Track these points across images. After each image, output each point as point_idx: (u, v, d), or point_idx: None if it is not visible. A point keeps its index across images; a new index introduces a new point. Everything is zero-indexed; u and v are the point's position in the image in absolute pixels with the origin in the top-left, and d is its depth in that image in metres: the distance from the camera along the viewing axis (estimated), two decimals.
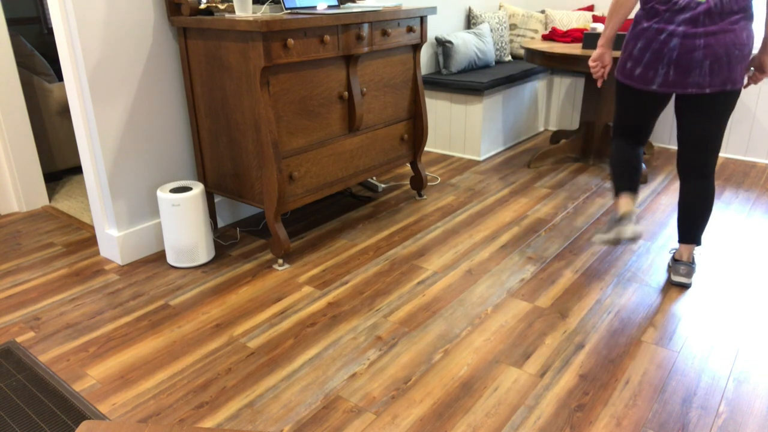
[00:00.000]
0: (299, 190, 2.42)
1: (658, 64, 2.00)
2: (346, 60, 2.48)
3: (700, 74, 1.95)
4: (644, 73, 2.04)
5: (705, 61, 1.93)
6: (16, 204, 3.04)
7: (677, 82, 1.99)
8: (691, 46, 1.93)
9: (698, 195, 2.15)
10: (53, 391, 1.71)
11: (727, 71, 1.94)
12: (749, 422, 1.57)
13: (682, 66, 1.96)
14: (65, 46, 2.18)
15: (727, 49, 1.91)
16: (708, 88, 1.96)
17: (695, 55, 1.93)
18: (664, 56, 1.97)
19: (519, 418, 1.59)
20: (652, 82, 2.03)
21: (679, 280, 2.23)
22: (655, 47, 1.98)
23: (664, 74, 2.00)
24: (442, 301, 2.16)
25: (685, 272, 2.22)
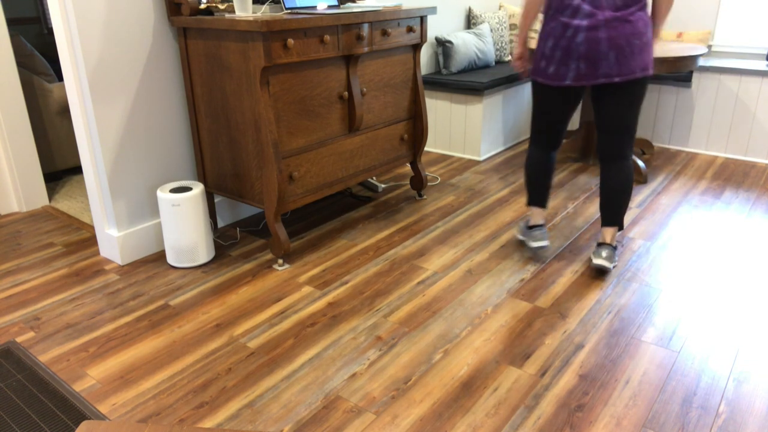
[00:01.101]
0: (299, 190, 2.42)
1: (569, 60, 2.11)
2: (346, 60, 2.48)
3: (607, 65, 2.08)
4: (557, 70, 2.15)
5: (610, 52, 2.06)
6: (16, 204, 3.04)
7: (588, 74, 2.10)
8: (595, 39, 2.05)
9: (618, 177, 2.27)
10: (53, 391, 1.71)
11: (630, 60, 2.07)
12: (749, 422, 1.57)
13: (591, 59, 2.08)
14: (65, 46, 2.18)
15: (627, 39, 2.05)
16: (616, 77, 2.09)
17: (600, 48, 2.06)
18: (573, 51, 2.09)
19: (519, 418, 1.59)
20: (566, 77, 2.14)
21: (599, 262, 2.28)
22: (563, 44, 2.10)
23: (575, 68, 2.11)
24: (442, 301, 2.16)
25: (606, 255, 2.28)
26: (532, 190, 2.45)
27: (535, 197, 2.45)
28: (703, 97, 3.79)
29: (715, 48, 4.02)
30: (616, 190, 2.27)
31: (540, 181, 2.42)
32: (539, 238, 2.40)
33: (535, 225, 2.44)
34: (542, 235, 2.41)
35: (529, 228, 2.46)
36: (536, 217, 2.45)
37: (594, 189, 3.23)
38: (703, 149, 3.89)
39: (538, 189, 2.44)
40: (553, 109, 2.28)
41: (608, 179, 2.28)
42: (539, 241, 2.40)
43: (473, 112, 3.67)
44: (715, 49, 4.02)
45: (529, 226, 2.46)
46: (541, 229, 2.43)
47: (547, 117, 2.31)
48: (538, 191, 2.44)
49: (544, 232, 2.42)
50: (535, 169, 2.41)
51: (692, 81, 3.79)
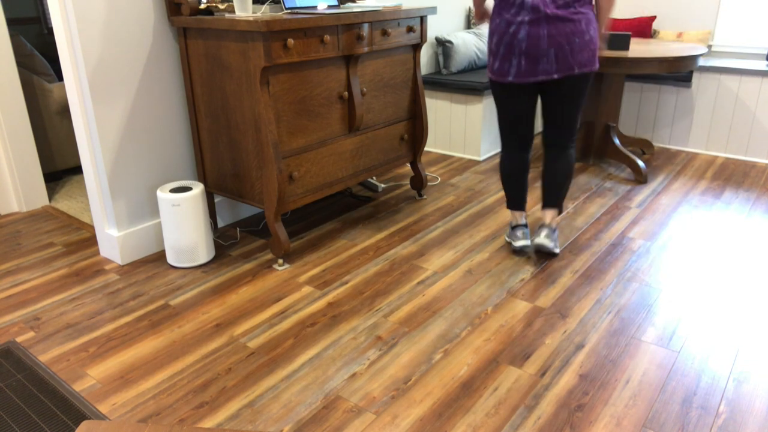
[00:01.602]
0: (299, 190, 2.42)
1: (511, 56, 2.15)
2: (346, 60, 2.48)
3: (547, 62, 2.13)
4: (501, 66, 2.20)
5: (550, 50, 2.11)
6: (16, 204, 3.04)
7: (528, 71, 2.15)
8: (536, 36, 2.10)
9: (560, 163, 2.36)
10: (53, 391, 1.71)
11: (570, 58, 2.12)
12: (749, 422, 1.57)
13: (531, 56, 2.12)
14: (65, 46, 2.18)
15: (568, 38, 2.09)
16: (555, 74, 2.14)
17: (541, 45, 2.10)
18: (515, 48, 2.13)
19: (519, 418, 1.59)
20: (508, 73, 2.18)
21: (540, 242, 2.38)
22: (506, 40, 2.14)
23: (516, 65, 2.15)
24: (442, 301, 2.16)
25: (546, 234, 2.38)
26: (509, 194, 2.48)
27: (513, 201, 2.48)
28: (703, 97, 3.79)
29: (715, 48, 4.02)
30: (556, 175, 2.37)
31: (514, 185, 2.45)
32: (521, 237, 2.44)
33: (518, 225, 2.47)
34: (524, 234, 2.45)
35: (512, 228, 2.49)
36: (517, 218, 2.49)
37: (594, 189, 3.23)
38: (703, 149, 3.89)
39: (514, 192, 2.46)
40: (510, 107, 2.30)
41: (550, 165, 2.39)
42: (521, 240, 2.43)
43: (473, 112, 3.67)
44: (715, 49, 4.02)
45: (512, 227, 2.50)
46: (524, 229, 2.46)
47: (506, 115, 2.34)
48: (514, 195, 2.47)
49: (526, 232, 2.46)
50: (508, 173, 2.44)
51: (692, 81, 3.79)
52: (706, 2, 3.94)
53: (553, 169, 2.38)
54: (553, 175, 2.39)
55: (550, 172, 2.40)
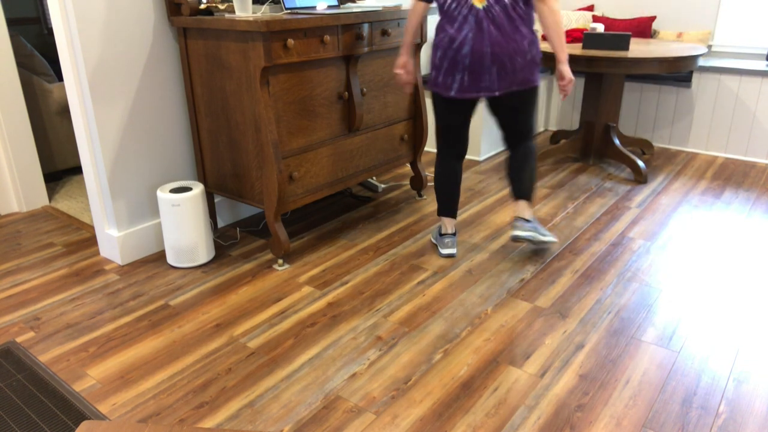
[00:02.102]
0: (299, 190, 2.42)
1: (455, 71, 2.18)
2: (346, 60, 2.48)
3: (489, 79, 2.16)
4: (444, 80, 2.22)
5: (493, 67, 2.14)
6: (16, 204, 3.04)
7: (471, 87, 2.18)
8: (480, 53, 2.12)
9: (522, 157, 2.40)
10: (53, 391, 1.71)
11: (512, 75, 2.17)
12: (749, 422, 1.57)
13: (474, 72, 2.16)
14: (65, 46, 2.18)
15: (511, 56, 2.13)
16: (497, 92, 2.19)
17: (485, 62, 2.14)
18: (459, 63, 2.16)
19: (519, 418, 1.59)
20: (451, 88, 2.21)
21: (522, 234, 2.40)
22: (450, 55, 2.16)
23: (459, 80, 2.18)
24: (442, 301, 2.16)
25: (529, 227, 2.41)
26: (441, 201, 2.49)
27: (444, 208, 2.50)
28: (703, 97, 3.79)
29: (715, 48, 4.02)
30: (521, 168, 2.41)
31: (447, 192, 2.47)
32: (449, 245, 2.47)
33: (446, 233, 2.50)
34: (452, 243, 2.47)
35: (441, 235, 2.51)
36: (447, 226, 2.51)
37: (594, 189, 3.23)
38: (703, 149, 3.89)
39: (447, 199, 2.48)
40: (450, 119, 2.33)
41: (514, 158, 2.42)
42: (449, 248, 2.46)
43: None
44: (715, 49, 4.02)
45: (440, 233, 2.52)
46: (452, 237, 2.49)
47: (445, 126, 2.37)
48: (446, 202, 2.49)
49: (454, 240, 2.48)
50: (441, 180, 2.46)
51: (692, 81, 3.79)
52: (706, 2, 3.94)
53: (517, 161, 2.41)
54: (520, 169, 2.42)
55: (515, 164, 2.43)
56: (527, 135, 2.39)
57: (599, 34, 3.18)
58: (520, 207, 2.44)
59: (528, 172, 2.42)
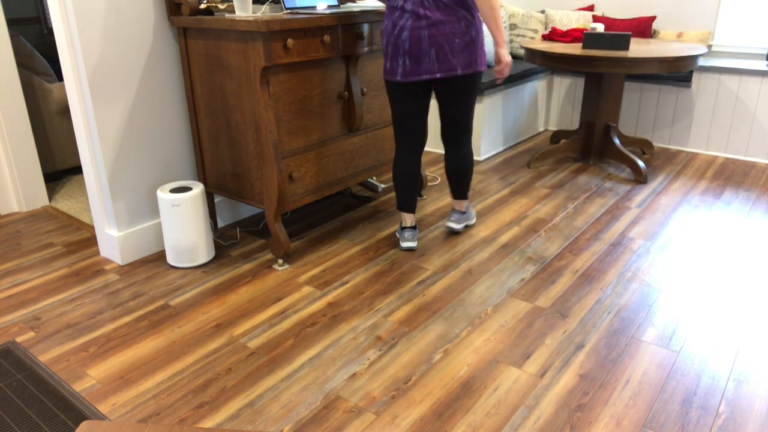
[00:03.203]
0: (299, 190, 2.42)
1: (398, 56, 2.23)
2: (346, 60, 2.48)
3: (429, 62, 2.20)
4: (390, 66, 2.28)
5: (431, 50, 2.18)
6: (16, 204, 3.04)
7: (413, 70, 2.22)
8: (418, 37, 2.17)
9: (457, 161, 2.49)
10: (53, 391, 1.71)
11: (453, 58, 2.20)
12: (749, 422, 1.57)
13: (414, 56, 2.20)
14: (65, 46, 2.18)
15: (447, 38, 2.17)
16: (438, 74, 2.22)
17: (423, 45, 2.18)
18: (400, 48, 2.21)
19: (519, 418, 1.59)
20: (396, 73, 2.26)
21: (452, 225, 2.62)
22: (392, 41, 2.22)
23: (402, 64, 2.23)
24: (442, 301, 2.16)
25: (456, 219, 2.62)
26: (399, 196, 2.52)
27: (402, 202, 2.53)
28: (703, 97, 3.79)
29: (715, 48, 4.02)
30: (456, 174, 2.52)
31: (404, 186, 2.49)
32: (409, 239, 2.51)
33: (406, 227, 2.54)
34: (412, 236, 2.52)
35: (401, 229, 2.56)
36: (407, 220, 2.54)
37: (594, 189, 3.23)
38: (703, 149, 3.89)
39: (404, 193, 2.51)
40: (402, 106, 2.35)
41: (450, 160, 2.51)
42: (409, 242, 2.51)
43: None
44: (715, 49, 4.02)
45: (401, 227, 2.56)
46: (412, 231, 2.53)
47: (397, 115, 2.39)
48: (404, 195, 2.51)
49: (414, 233, 2.53)
50: (398, 173, 2.47)
51: (692, 81, 3.79)
52: (706, 2, 3.94)
53: (453, 168, 2.51)
54: (454, 174, 2.52)
55: (451, 170, 2.52)
56: (465, 127, 2.42)
57: (599, 34, 3.18)
58: (456, 204, 2.64)
59: (464, 175, 2.52)
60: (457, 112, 2.38)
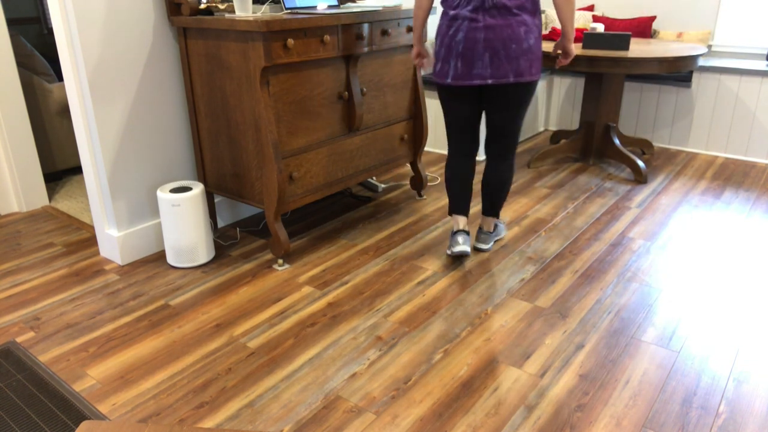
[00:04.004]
0: (299, 190, 2.42)
1: (450, 58, 2.15)
2: (346, 60, 2.48)
3: (481, 66, 2.11)
4: (441, 68, 2.20)
5: (485, 54, 2.09)
6: (16, 204, 3.04)
7: (464, 74, 2.14)
8: (473, 39, 2.08)
9: (496, 175, 2.38)
10: (53, 391, 1.71)
11: (506, 64, 2.09)
12: (749, 422, 1.57)
13: (467, 58, 2.11)
14: (65, 46, 2.18)
15: (504, 43, 2.07)
16: (489, 80, 2.12)
17: (477, 48, 2.09)
18: (453, 50, 2.13)
19: (519, 418, 1.59)
20: (447, 75, 2.18)
21: (478, 245, 2.51)
22: (446, 42, 2.14)
23: (453, 67, 2.15)
24: (442, 301, 2.16)
25: (483, 239, 2.51)
26: (453, 197, 2.44)
27: (454, 205, 2.45)
28: (703, 97, 3.79)
29: (715, 48, 4.02)
30: (491, 187, 2.41)
31: (455, 189, 2.42)
32: (461, 243, 2.36)
33: (459, 230, 2.41)
34: (465, 240, 2.37)
35: (452, 234, 2.42)
36: (459, 223, 2.43)
37: (594, 189, 3.23)
38: (703, 149, 3.89)
39: (456, 196, 2.43)
40: (452, 111, 2.30)
41: (487, 175, 2.41)
42: (461, 246, 2.35)
43: None
44: (715, 49, 4.02)
45: (452, 232, 2.43)
46: (464, 234, 2.40)
47: (449, 119, 2.34)
48: (455, 200, 2.43)
49: (466, 238, 2.39)
50: (450, 176, 2.42)
51: (692, 81, 3.79)
52: (706, 2, 3.94)
53: (489, 180, 2.40)
54: (488, 186, 2.41)
55: (486, 182, 2.42)
56: (510, 140, 2.30)
57: (599, 34, 3.18)
58: (485, 221, 2.51)
59: (499, 194, 2.41)
60: (504, 122, 2.25)
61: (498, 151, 2.34)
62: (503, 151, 2.34)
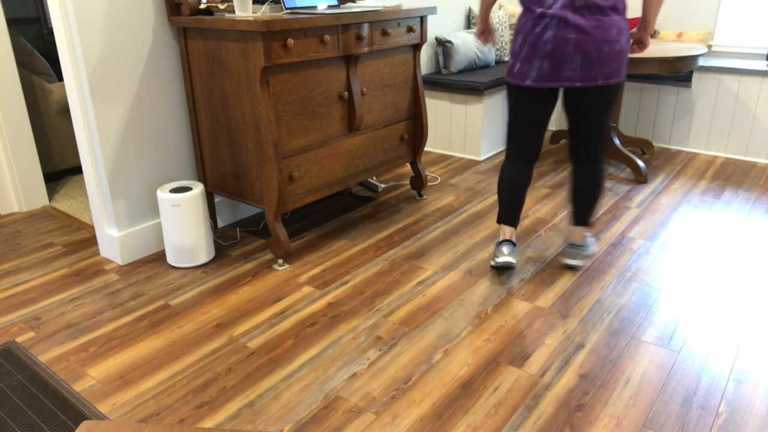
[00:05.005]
0: (299, 190, 2.42)
1: (534, 58, 2.02)
2: (346, 60, 2.48)
3: (571, 68, 1.99)
4: (522, 68, 2.07)
5: (576, 55, 1.97)
6: (16, 204, 3.04)
7: (550, 75, 2.02)
8: (563, 39, 1.96)
9: (587, 181, 2.25)
10: (53, 391, 1.71)
11: (597, 66, 1.99)
12: (749, 422, 1.57)
13: (556, 59, 1.99)
14: (65, 46, 2.18)
15: (597, 44, 1.96)
16: (579, 82, 2.01)
17: (567, 49, 1.97)
18: (539, 49, 2.00)
19: (519, 418, 1.59)
20: (527, 76, 2.05)
21: (572, 262, 2.36)
22: (531, 41, 2.02)
23: (538, 68, 2.02)
24: (442, 301, 2.16)
25: (575, 255, 2.36)
26: (502, 207, 2.32)
27: (505, 215, 2.32)
28: (703, 97, 3.79)
29: (715, 48, 4.02)
30: (586, 194, 2.27)
31: (507, 197, 2.30)
32: (506, 253, 2.26)
33: (505, 240, 2.31)
34: (510, 250, 2.27)
35: (498, 244, 2.32)
36: (506, 233, 2.33)
37: None
38: (703, 149, 3.89)
39: (506, 205, 2.31)
40: (524, 113, 2.17)
41: (579, 183, 2.27)
42: (506, 256, 2.25)
43: (473, 112, 3.67)
44: (715, 49, 4.02)
45: (498, 242, 2.33)
46: (510, 245, 2.29)
47: (517, 122, 2.21)
48: (505, 208, 2.32)
49: (512, 249, 2.28)
50: (503, 183, 2.29)
51: (692, 81, 3.79)
52: (706, 2, 3.94)
53: (582, 188, 2.26)
54: (582, 194, 2.27)
55: (579, 190, 2.27)
56: (597, 143, 2.20)
57: None
58: (575, 232, 2.35)
59: (593, 201, 2.27)
60: (593, 127, 2.16)
61: (588, 156, 2.23)
62: (594, 156, 2.22)
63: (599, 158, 2.23)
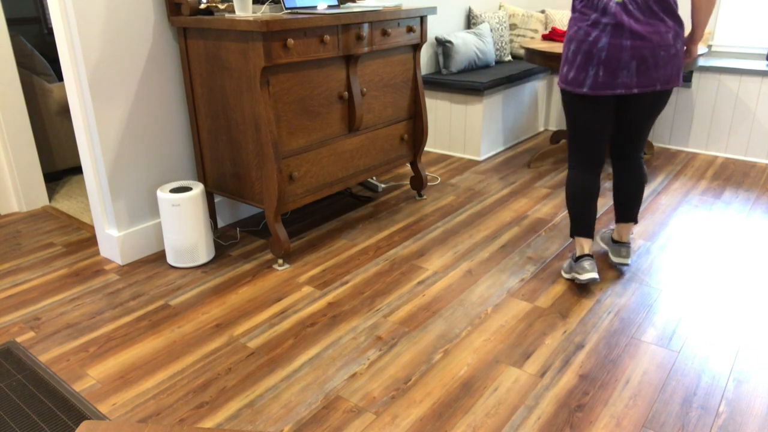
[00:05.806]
0: (299, 190, 2.42)
1: (588, 66, 1.99)
2: (346, 60, 2.48)
3: (627, 75, 1.97)
4: (576, 76, 2.03)
5: (632, 62, 1.95)
6: (16, 204, 3.04)
7: (606, 83, 1.99)
8: (618, 47, 1.94)
9: (630, 176, 2.25)
10: (53, 391, 1.71)
11: (654, 72, 1.97)
12: (749, 422, 1.57)
13: (611, 67, 1.96)
14: (65, 46, 2.18)
15: (653, 50, 1.94)
16: (635, 89, 1.98)
17: (623, 56, 1.94)
18: (594, 57, 1.97)
19: (519, 418, 1.59)
20: (583, 84, 2.02)
21: (621, 260, 2.33)
22: (585, 48, 1.98)
23: (593, 75, 1.99)
24: (442, 301, 2.16)
25: (625, 253, 2.32)
26: (576, 219, 2.24)
27: (580, 227, 2.23)
28: (703, 97, 3.79)
29: (715, 48, 4.02)
30: (631, 186, 2.26)
31: (580, 208, 2.22)
32: (589, 269, 2.16)
33: (584, 255, 2.20)
34: (592, 266, 2.17)
35: (576, 260, 2.22)
36: (583, 247, 2.22)
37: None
38: (703, 149, 3.89)
39: (581, 217, 2.22)
40: (584, 121, 2.12)
41: (623, 177, 2.27)
42: (590, 273, 2.15)
43: (473, 112, 3.67)
44: (715, 49, 4.02)
45: (575, 258, 2.23)
46: (590, 259, 2.19)
47: (578, 130, 2.16)
48: (582, 220, 2.22)
49: (593, 263, 2.18)
50: (573, 194, 2.22)
51: (692, 81, 3.79)
52: None
53: (627, 181, 2.26)
54: (630, 191, 2.26)
55: (624, 184, 2.26)
56: (643, 141, 2.20)
57: None
58: (622, 229, 2.33)
59: (638, 194, 2.27)
60: (640, 128, 2.15)
61: (629, 151, 2.23)
62: (635, 151, 2.22)
63: (641, 151, 2.24)
